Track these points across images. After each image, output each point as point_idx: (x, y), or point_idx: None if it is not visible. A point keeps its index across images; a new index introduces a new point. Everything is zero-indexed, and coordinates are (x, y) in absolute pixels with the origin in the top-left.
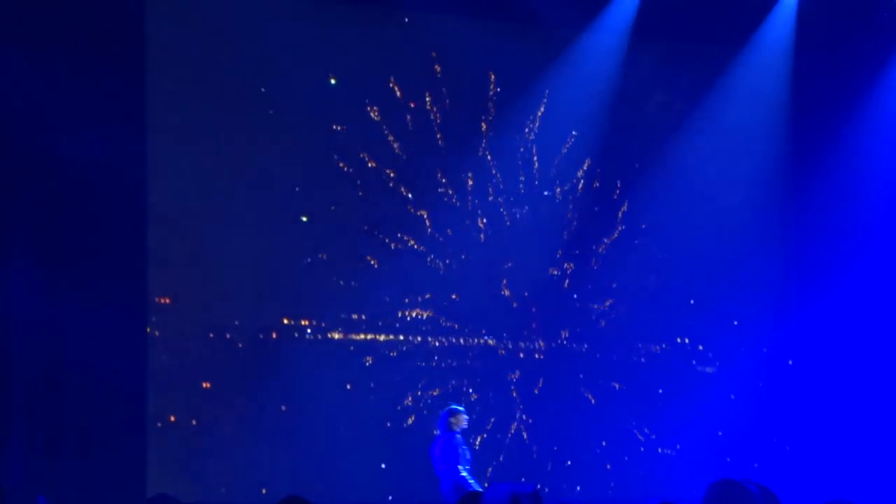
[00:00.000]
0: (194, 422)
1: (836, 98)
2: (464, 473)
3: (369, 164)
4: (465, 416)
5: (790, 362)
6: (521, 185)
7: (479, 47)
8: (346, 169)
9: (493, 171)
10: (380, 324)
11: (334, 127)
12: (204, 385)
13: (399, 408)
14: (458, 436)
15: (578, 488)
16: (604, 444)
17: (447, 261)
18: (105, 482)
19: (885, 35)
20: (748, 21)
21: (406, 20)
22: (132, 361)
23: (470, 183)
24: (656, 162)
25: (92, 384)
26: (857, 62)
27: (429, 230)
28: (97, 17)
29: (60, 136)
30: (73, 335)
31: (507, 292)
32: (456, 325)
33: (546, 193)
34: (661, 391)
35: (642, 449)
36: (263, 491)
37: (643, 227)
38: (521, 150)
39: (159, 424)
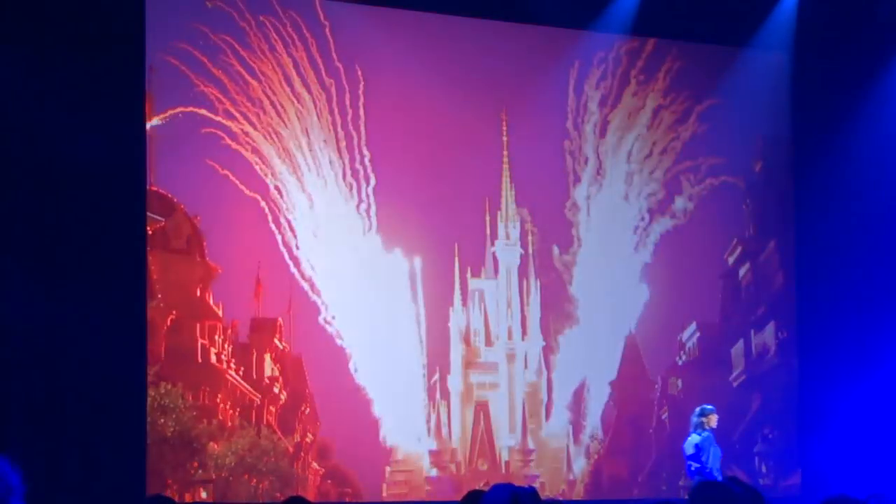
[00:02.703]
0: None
1: (837, 96)
2: (715, 473)
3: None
4: (716, 416)
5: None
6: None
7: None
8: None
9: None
10: None
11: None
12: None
13: None
14: (709, 435)
15: None
16: None
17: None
18: (104, 479)
19: (885, 35)
20: (748, 21)
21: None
22: (131, 358)
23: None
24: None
25: (91, 381)
26: (858, 62)
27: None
28: (97, 17)
29: (59, 133)
30: (72, 332)
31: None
32: None
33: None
34: None
35: None
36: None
37: (644, 225)
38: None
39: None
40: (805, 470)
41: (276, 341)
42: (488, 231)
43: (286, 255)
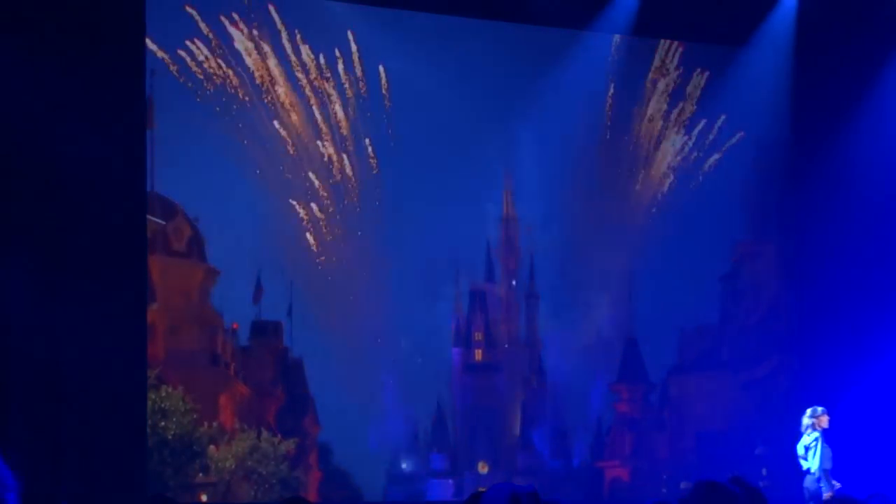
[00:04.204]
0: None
1: (836, 98)
2: (818, 473)
3: (372, 162)
4: (828, 417)
5: None
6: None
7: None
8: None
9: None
10: None
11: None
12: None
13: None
14: (818, 436)
15: None
16: None
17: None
18: (105, 482)
19: (885, 35)
20: (748, 21)
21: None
22: (132, 361)
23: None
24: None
25: (92, 384)
26: (857, 62)
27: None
28: (97, 16)
29: (60, 136)
30: (73, 335)
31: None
32: None
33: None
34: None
35: None
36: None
37: (643, 227)
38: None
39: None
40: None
41: (277, 344)
42: (490, 234)
43: (285, 258)
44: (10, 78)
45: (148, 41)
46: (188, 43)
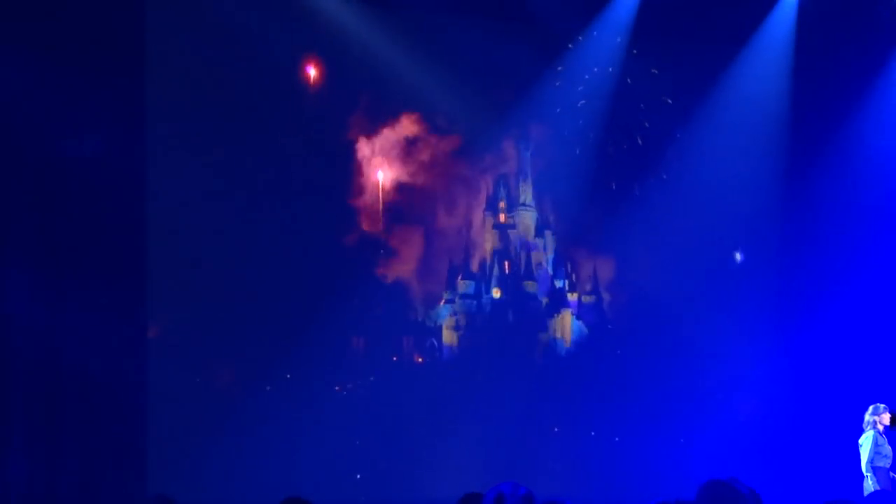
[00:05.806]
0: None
1: (835, 97)
2: (868, 473)
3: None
4: (889, 415)
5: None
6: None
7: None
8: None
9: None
10: None
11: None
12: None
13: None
14: (874, 433)
15: None
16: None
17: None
18: (105, 482)
19: (885, 35)
20: (748, 21)
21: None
22: (132, 362)
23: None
24: (656, 162)
25: (92, 385)
26: (857, 62)
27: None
28: (97, 17)
29: (60, 137)
30: (73, 335)
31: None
32: None
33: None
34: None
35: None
36: None
37: (643, 225)
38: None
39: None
40: (803, 472)
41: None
42: (491, 236)
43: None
44: (9, 77)
45: (148, 36)
46: (189, 38)
